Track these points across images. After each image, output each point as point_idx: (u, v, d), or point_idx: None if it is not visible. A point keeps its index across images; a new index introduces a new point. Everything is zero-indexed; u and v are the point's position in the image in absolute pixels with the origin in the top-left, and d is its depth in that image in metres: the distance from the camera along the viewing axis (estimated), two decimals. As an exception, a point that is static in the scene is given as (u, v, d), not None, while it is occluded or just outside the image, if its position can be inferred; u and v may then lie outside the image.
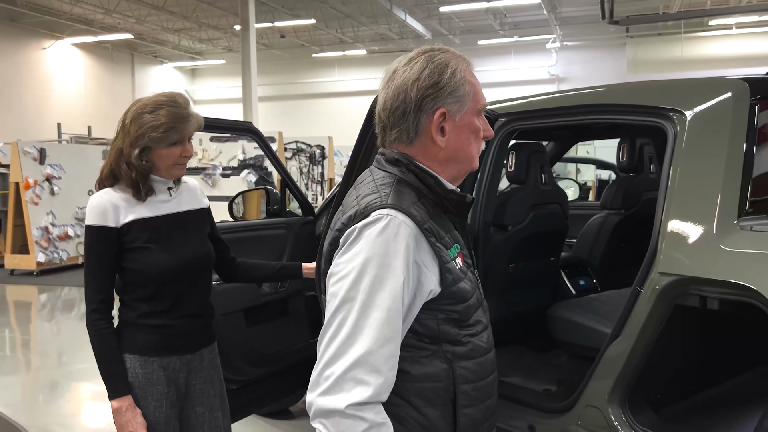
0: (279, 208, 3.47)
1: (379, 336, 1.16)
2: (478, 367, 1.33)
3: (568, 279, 3.40)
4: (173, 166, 1.96)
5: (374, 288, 1.17)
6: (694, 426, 2.30)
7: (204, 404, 2.10)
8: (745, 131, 2.08)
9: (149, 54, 22.68)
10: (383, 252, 1.19)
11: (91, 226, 1.91)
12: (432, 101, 1.28)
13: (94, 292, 1.91)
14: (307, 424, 3.66)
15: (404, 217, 1.23)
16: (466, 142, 1.33)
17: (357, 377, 1.14)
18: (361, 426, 1.13)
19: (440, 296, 1.26)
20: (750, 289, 1.85)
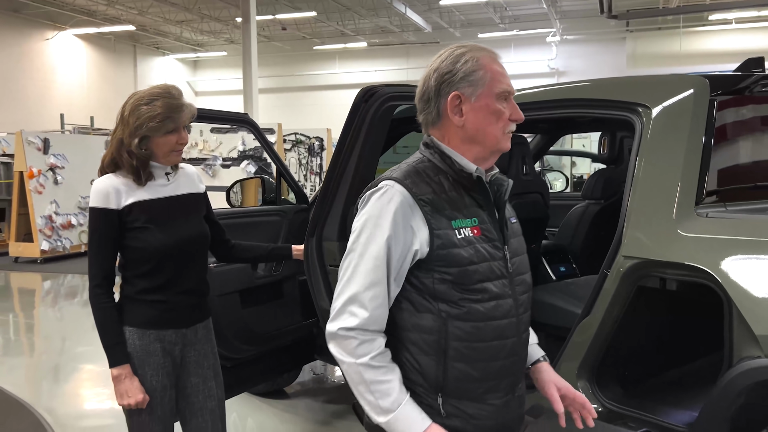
0: (274, 196, 3.63)
1: (366, 280, 1.44)
2: (475, 329, 1.48)
3: (549, 265, 3.55)
4: (170, 153, 2.12)
5: (368, 242, 1.45)
6: (658, 401, 2.46)
7: (198, 375, 2.25)
8: (704, 125, 2.23)
9: (151, 45, 22.79)
10: (377, 213, 1.46)
11: (94, 209, 2.07)
12: (447, 86, 1.48)
13: (97, 269, 2.07)
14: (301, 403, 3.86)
15: (400, 187, 1.46)
16: (485, 122, 1.49)
17: (350, 310, 1.45)
18: (353, 342, 1.44)
19: (430, 258, 1.47)
20: (703, 271, 2.01)
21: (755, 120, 2.63)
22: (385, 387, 1.43)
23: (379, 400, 1.42)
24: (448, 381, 1.49)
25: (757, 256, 1.96)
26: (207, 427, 2.27)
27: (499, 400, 1.55)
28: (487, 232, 1.52)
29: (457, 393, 1.50)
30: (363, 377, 1.43)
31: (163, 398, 2.16)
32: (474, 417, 1.52)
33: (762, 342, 1.84)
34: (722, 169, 2.39)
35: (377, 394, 1.43)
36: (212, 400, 2.29)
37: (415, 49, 21.07)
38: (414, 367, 1.48)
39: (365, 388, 1.44)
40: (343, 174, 2.48)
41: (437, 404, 1.49)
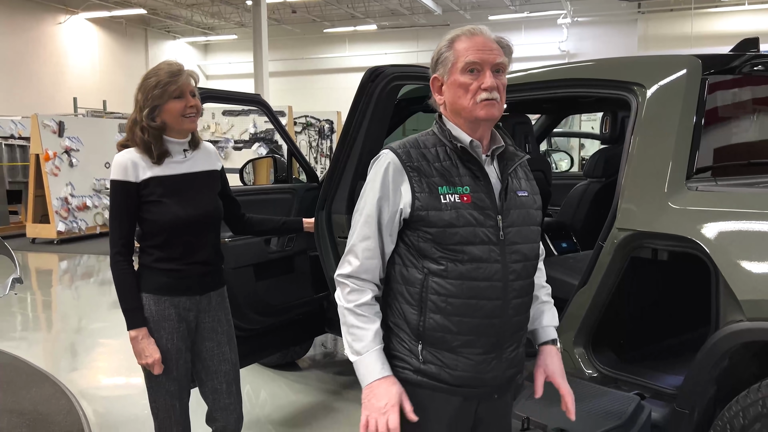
0: (285, 175, 3.76)
1: (360, 234, 1.67)
2: (452, 287, 1.61)
3: (551, 242, 3.67)
4: (181, 119, 2.22)
5: (365, 202, 1.68)
6: (650, 366, 2.58)
7: (213, 340, 2.39)
8: (696, 103, 2.33)
9: (162, 29, 22.87)
10: (372, 177, 1.69)
11: (114, 181, 2.20)
12: (431, 71, 1.73)
13: (117, 237, 2.21)
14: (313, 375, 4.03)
15: (392, 155, 1.66)
16: (455, 96, 1.65)
17: (347, 259, 1.69)
18: (346, 288, 1.68)
19: (412, 218, 1.64)
20: (692, 241, 2.12)
21: (746, 98, 2.72)
22: (360, 333, 1.64)
23: (353, 342, 1.65)
24: (426, 330, 1.64)
25: (742, 226, 2.07)
26: (222, 389, 2.41)
27: (476, 356, 1.65)
28: (479, 200, 1.63)
29: (434, 342, 1.64)
30: (346, 319, 1.67)
31: (178, 360, 2.30)
32: (449, 366, 1.64)
33: (744, 306, 1.95)
34: (714, 145, 2.49)
35: (352, 337, 1.65)
36: (227, 363, 2.43)
37: (425, 31, 21.03)
38: (400, 314, 1.68)
39: (346, 329, 1.67)
40: (351, 150, 2.60)
41: (417, 350, 1.66)
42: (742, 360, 2.12)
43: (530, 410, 2.07)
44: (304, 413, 3.77)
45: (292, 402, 3.92)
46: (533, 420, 2.01)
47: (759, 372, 2.07)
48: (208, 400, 2.43)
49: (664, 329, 2.84)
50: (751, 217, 2.06)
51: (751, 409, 1.94)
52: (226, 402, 2.41)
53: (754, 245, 2.00)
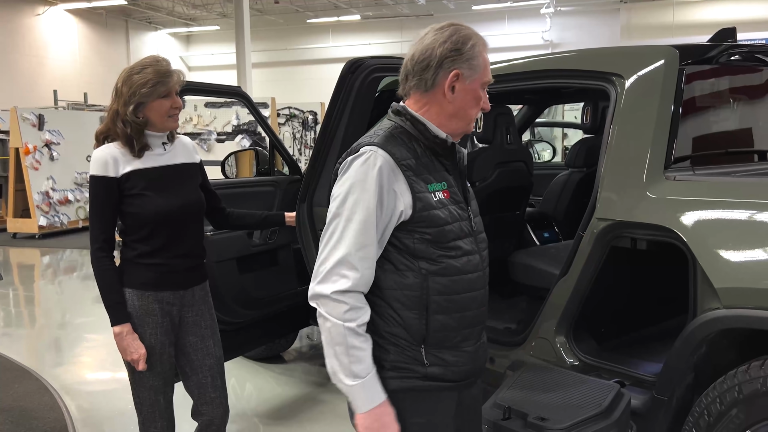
0: (268, 167, 3.74)
1: (356, 242, 1.52)
2: (452, 283, 1.62)
3: (533, 231, 3.69)
4: (166, 118, 2.23)
5: (355, 206, 1.53)
6: (630, 354, 2.61)
7: (196, 334, 2.39)
8: (674, 94, 2.35)
9: (143, 20, 22.59)
10: (363, 178, 1.53)
11: (94, 176, 2.19)
12: (451, 62, 1.58)
13: (98, 232, 2.20)
14: (298, 367, 4.04)
15: (383, 152, 1.55)
16: (469, 104, 1.63)
17: (340, 272, 1.52)
18: (344, 307, 1.51)
19: (413, 219, 1.58)
20: (670, 231, 2.14)
21: (724, 88, 2.74)
22: (360, 354, 1.52)
23: (352, 364, 1.52)
24: (429, 332, 1.61)
25: (719, 215, 2.09)
26: (207, 383, 2.41)
27: (471, 347, 1.70)
28: (455, 195, 1.66)
29: (437, 343, 1.63)
30: (346, 340, 1.51)
31: (162, 355, 2.29)
32: (452, 364, 1.66)
33: (721, 294, 1.98)
34: (692, 135, 2.52)
35: (352, 358, 1.52)
36: (211, 358, 2.43)
37: (409, 21, 20.96)
38: (398, 321, 1.60)
39: (343, 350, 1.52)
40: (332, 142, 2.60)
41: (421, 355, 1.61)
42: (719, 347, 2.16)
43: (511, 399, 2.09)
44: (290, 405, 3.78)
45: (278, 394, 3.93)
46: (514, 409, 2.03)
47: (736, 359, 2.10)
48: (194, 395, 2.43)
49: (644, 318, 2.88)
50: (728, 206, 2.09)
51: (728, 395, 1.97)
52: (211, 396, 2.42)
53: (730, 234, 2.03)
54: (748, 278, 1.93)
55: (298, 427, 3.49)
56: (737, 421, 1.95)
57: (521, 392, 2.17)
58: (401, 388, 1.62)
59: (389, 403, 1.57)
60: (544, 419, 1.96)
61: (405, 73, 1.64)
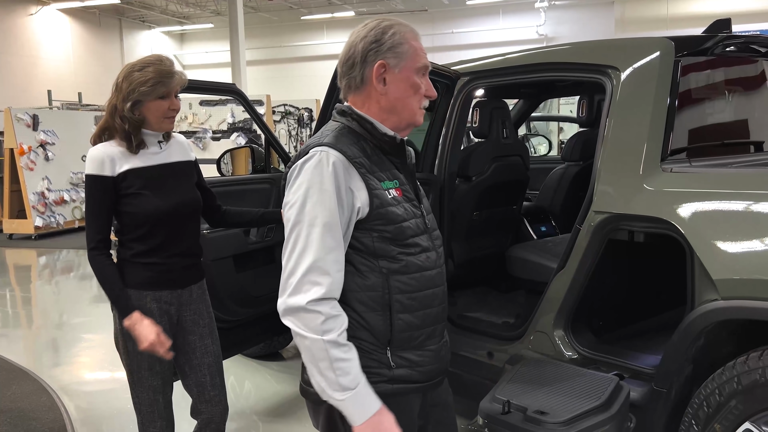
0: (263, 164, 3.73)
1: (323, 246, 1.46)
2: (413, 281, 1.59)
3: (530, 225, 3.69)
4: (162, 119, 2.21)
5: (315, 210, 1.47)
6: (629, 347, 2.61)
7: (195, 333, 2.38)
8: (669, 85, 2.34)
9: (137, 19, 22.51)
10: (318, 180, 1.48)
11: (90, 176, 2.16)
12: (374, 54, 1.55)
13: (94, 232, 2.17)
14: (297, 365, 4.00)
15: (335, 152, 1.50)
16: (405, 93, 1.58)
17: (312, 280, 1.44)
18: (320, 318, 1.43)
19: (370, 216, 1.53)
20: (667, 223, 2.14)
21: (719, 79, 2.74)
22: (346, 365, 1.45)
23: (339, 377, 1.44)
24: (394, 333, 1.57)
25: (716, 206, 2.09)
26: (206, 382, 2.40)
27: (435, 345, 1.67)
28: (407, 192, 1.64)
29: (402, 344, 1.59)
30: (328, 354, 1.43)
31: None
32: (417, 364, 1.62)
33: (719, 286, 1.98)
34: (688, 127, 2.51)
35: (339, 372, 1.44)
36: (209, 356, 2.41)
37: (404, 17, 20.78)
38: (362, 325, 1.54)
39: (327, 365, 1.44)
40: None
41: (386, 357, 1.57)
42: (718, 338, 2.16)
43: (510, 393, 2.09)
44: (289, 403, 3.77)
45: (277, 392, 3.92)
46: (513, 403, 2.03)
47: (734, 350, 2.11)
48: (193, 393, 2.42)
49: (643, 310, 2.88)
50: (725, 198, 2.09)
51: (727, 387, 1.98)
52: (211, 394, 2.40)
53: (727, 225, 2.03)
54: (745, 269, 1.93)
55: (297, 424, 3.49)
56: (736, 412, 1.95)
57: (520, 386, 2.17)
58: None
59: (386, 409, 1.51)
60: (544, 413, 1.96)
61: (339, 77, 1.62)
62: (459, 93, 3.05)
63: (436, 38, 20.06)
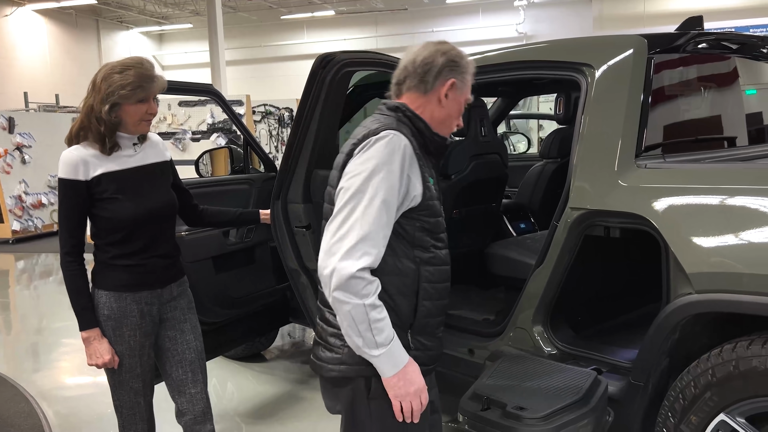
0: (242, 165, 3.71)
1: (378, 220, 1.58)
2: (437, 272, 1.76)
3: (509, 223, 3.71)
4: (140, 122, 2.18)
5: (380, 185, 1.59)
6: (607, 342, 2.64)
7: (176, 329, 2.36)
8: (643, 83, 2.37)
9: (114, 19, 22.27)
10: (388, 159, 1.61)
11: (63, 179, 2.13)
12: (449, 71, 1.74)
13: (67, 237, 2.15)
14: (280, 365, 3.98)
15: (405, 139, 1.66)
16: (455, 113, 1.80)
17: (364, 249, 1.57)
18: (363, 284, 1.57)
19: (420, 206, 1.69)
20: (642, 218, 2.16)
21: (692, 76, 2.78)
22: (381, 324, 1.59)
23: (376, 336, 1.58)
24: (417, 318, 1.74)
25: (689, 201, 2.12)
26: (187, 379, 2.38)
27: (441, 333, 1.85)
28: (437, 191, 1.79)
29: (420, 329, 1.76)
30: (368, 316, 1.56)
31: (142, 357, 2.27)
32: (428, 348, 1.79)
33: (693, 280, 2.00)
34: (662, 123, 2.54)
35: (375, 331, 1.58)
36: (192, 352, 2.39)
37: (384, 16, 20.90)
38: (390, 306, 1.67)
39: (366, 326, 1.57)
40: (304, 139, 2.58)
41: (407, 339, 1.71)
42: (693, 332, 2.19)
43: (490, 390, 2.10)
44: (271, 404, 3.76)
45: (259, 393, 3.91)
46: (493, 399, 2.04)
47: (709, 342, 2.13)
48: (174, 393, 2.39)
49: (621, 305, 2.91)
50: (698, 192, 2.11)
51: (702, 379, 2.00)
52: (192, 392, 2.38)
53: (700, 220, 2.05)
54: (719, 263, 1.96)
55: (280, 425, 3.48)
56: (711, 403, 1.98)
57: (500, 382, 2.18)
58: None
59: (412, 361, 1.66)
60: (523, 408, 1.97)
61: (404, 75, 1.76)
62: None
63: (416, 37, 20.08)
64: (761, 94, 3.21)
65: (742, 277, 1.90)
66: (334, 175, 1.73)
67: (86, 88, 2.16)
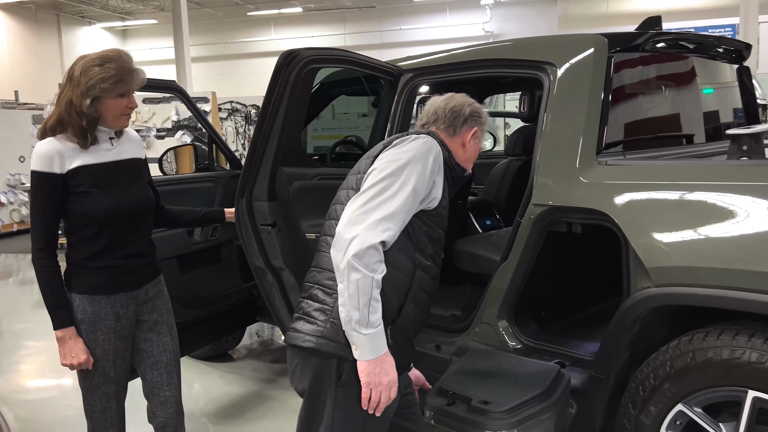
0: (207, 162, 3.67)
1: (405, 204, 1.71)
2: (428, 282, 1.88)
3: (475, 219, 3.75)
4: (120, 116, 2.13)
5: (413, 174, 1.74)
6: (570, 336, 2.69)
7: (152, 330, 2.31)
8: (603, 81, 2.41)
9: (76, 14, 21.78)
10: (424, 155, 1.79)
11: (37, 172, 2.04)
12: (473, 121, 2.03)
13: (40, 232, 2.06)
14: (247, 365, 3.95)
15: (439, 146, 1.86)
16: (471, 159, 2.05)
17: (388, 225, 1.68)
18: (377, 256, 1.66)
19: (433, 211, 1.82)
20: (603, 214, 2.21)
21: (651, 75, 2.84)
22: (378, 305, 1.67)
23: (371, 314, 1.65)
24: (401, 316, 1.81)
25: (648, 197, 2.16)
26: (162, 381, 2.34)
27: (412, 344, 1.96)
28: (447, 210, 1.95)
29: (399, 328, 1.82)
30: (372, 291, 1.63)
31: (116, 360, 2.20)
32: (401, 353, 1.83)
33: (652, 274, 2.05)
34: (622, 121, 2.60)
35: (372, 309, 1.65)
36: (167, 353, 2.35)
37: (352, 13, 20.86)
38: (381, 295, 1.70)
39: (366, 300, 1.63)
40: (269, 136, 2.57)
41: (387, 333, 1.76)
42: (652, 325, 2.24)
43: (455, 384, 2.12)
44: (239, 403, 3.74)
45: (226, 393, 3.88)
46: (458, 394, 2.06)
47: (667, 335, 2.19)
48: (149, 394, 2.35)
49: (584, 300, 2.96)
50: (657, 189, 2.16)
51: (661, 370, 2.05)
52: (166, 395, 2.35)
53: (659, 215, 2.10)
54: (676, 257, 2.01)
55: (247, 424, 3.46)
56: (669, 394, 2.03)
57: (465, 377, 2.21)
58: None
59: (389, 353, 1.72)
60: (487, 403, 2.00)
61: (433, 118, 2.01)
62: (403, 89, 3.06)
63: (384, 35, 20.12)
64: (718, 93, 3.29)
65: (698, 271, 1.95)
66: (363, 164, 1.88)
67: (47, 85, 2.11)
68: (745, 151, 2.15)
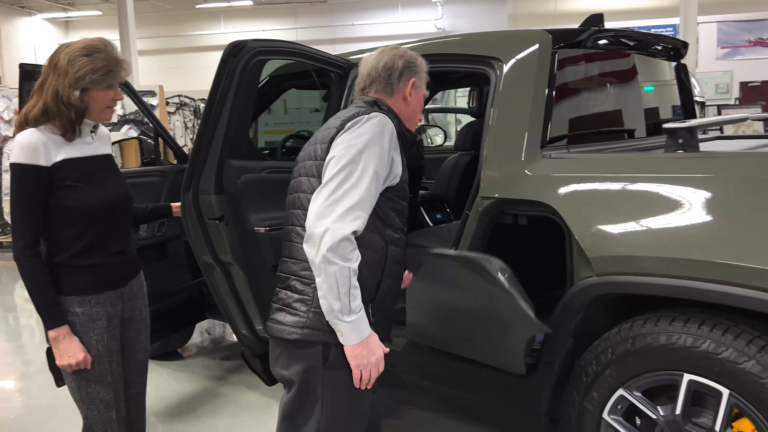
0: (153, 157, 3.60)
1: (368, 190, 1.72)
2: (400, 254, 1.92)
3: (426, 213, 3.79)
4: (105, 109, 2.05)
5: (372, 158, 1.73)
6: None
7: (133, 329, 2.25)
8: (547, 76, 2.46)
9: (15, 4, 20.96)
10: (380, 136, 1.77)
11: (21, 165, 1.93)
12: (409, 72, 1.96)
13: (25, 228, 1.95)
14: (198, 363, 3.89)
15: (390, 123, 1.83)
16: (418, 109, 2.03)
17: (356, 214, 1.69)
18: (351, 247, 1.69)
19: (397, 186, 1.85)
20: (546, 206, 2.26)
21: (594, 71, 2.91)
22: (357, 292, 1.70)
23: (351, 302, 1.68)
24: (379, 293, 1.86)
25: (589, 189, 2.23)
26: (132, 379, 2.28)
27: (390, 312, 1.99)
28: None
29: (379, 305, 1.87)
30: (350, 281, 1.67)
31: (112, 363, 2.11)
32: (379, 326, 1.87)
33: (593, 263, 2.11)
34: (566, 116, 2.66)
35: (352, 297, 1.68)
36: (141, 353, 2.31)
37: (303, 8, 20.70)
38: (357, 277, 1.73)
39: (346, 290, 1.67)
40: (215, 129, 2.53)
41: (368, 313, 1.80)
42: (595, 313, 2.30)
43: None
44: (188, 401, 3.68)
45: (175, 391, 3.82)
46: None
47: (609, 322, 2.26)
48: None
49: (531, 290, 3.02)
50: (598, 181, 2.23)
51: (602, 357, 2.12)
52: (133, 392, 2.30)
53: (600, 207, 2.16)
54: (616, 247, 2.07)
55: (196, 421, 3.42)
56: (611, 380, 2.10)
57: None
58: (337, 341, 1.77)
59: (373, 332, 1.77)
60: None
61: (368, 81, 1.96)
62: (352, 82, 3.06)
63: (337, 30, 20.05)
64: (658, 90, 3.41)
65: (636, 260, 2.02)
66: (318, 149, 1.84)
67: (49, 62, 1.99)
68: (680, 144, 2.22)
